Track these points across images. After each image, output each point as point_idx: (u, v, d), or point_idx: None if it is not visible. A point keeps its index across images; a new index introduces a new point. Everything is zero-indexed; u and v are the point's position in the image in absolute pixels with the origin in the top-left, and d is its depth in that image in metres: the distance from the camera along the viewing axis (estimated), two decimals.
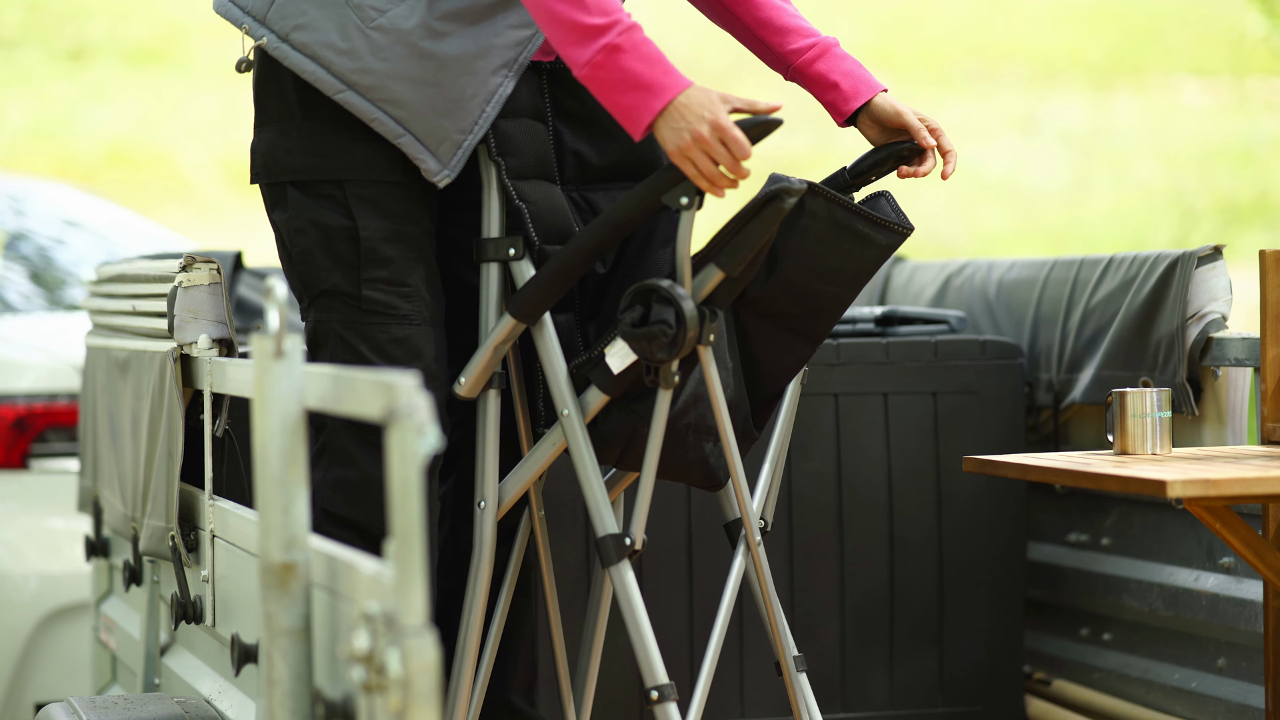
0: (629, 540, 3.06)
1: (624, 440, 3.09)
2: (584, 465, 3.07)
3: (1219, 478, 2.92)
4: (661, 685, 3.04)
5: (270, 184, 3.17)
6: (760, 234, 2.97)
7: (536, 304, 3.07)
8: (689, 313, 2.95)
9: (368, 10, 3.06)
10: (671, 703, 3.04)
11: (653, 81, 2.93)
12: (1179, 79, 19.14)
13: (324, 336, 3.14)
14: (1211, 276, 3.71)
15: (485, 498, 3.15)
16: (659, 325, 2.95)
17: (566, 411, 3.07)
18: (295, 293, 3.20)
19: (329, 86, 3.08)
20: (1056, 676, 4.10)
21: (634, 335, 2.98)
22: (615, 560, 3.05)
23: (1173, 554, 3.82)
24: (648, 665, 3.05)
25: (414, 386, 2.04)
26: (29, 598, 4.74)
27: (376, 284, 3.11)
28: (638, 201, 3.02)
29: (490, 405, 3.14)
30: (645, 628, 3.06)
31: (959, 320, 4.18)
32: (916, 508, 4.00)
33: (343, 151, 3.11)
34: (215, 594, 3.12)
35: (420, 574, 2.03)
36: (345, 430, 3.10)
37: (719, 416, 3.07)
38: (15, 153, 15.98)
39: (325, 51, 3.07)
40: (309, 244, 3.12)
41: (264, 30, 3.11)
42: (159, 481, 3.33)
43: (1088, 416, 4.07)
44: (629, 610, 3.05)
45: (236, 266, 4.63)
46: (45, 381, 4.82)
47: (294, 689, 2.31)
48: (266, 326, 2.30)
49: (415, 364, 3.12)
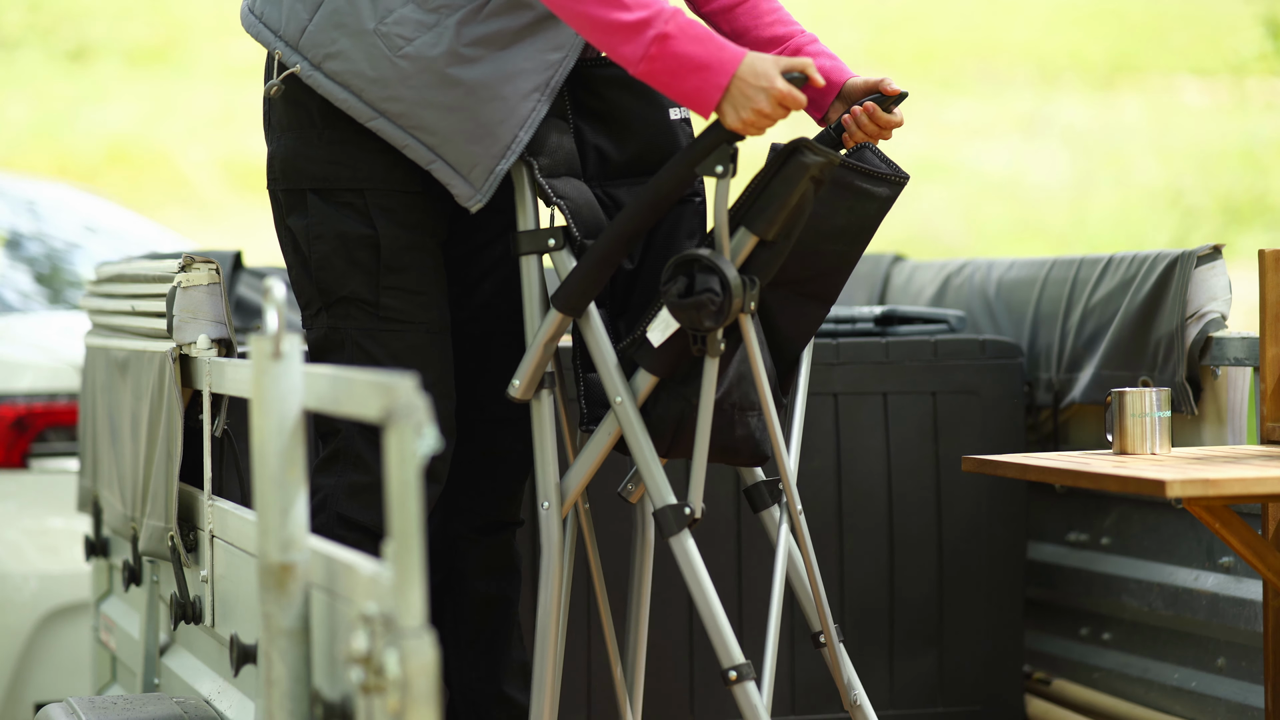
0: (688, 509, 3.08)
1: (674, 426, 3.10)
2: (641, 448, 3.09)
3: (1218, 477, 2.92)
4: (739, 665, 3.05)
5: (288, 190, 3.19)
6: (786, 193, 2.98)
7: (582, 294, 3.09)
8: (734, 279, 2.98)
9: (395, 39, 3.09)
10: (751, 681, 3.05)
11: (710, 60, 2.94)
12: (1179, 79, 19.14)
13: (339, 342, 3.16)
14: (1211, 276, 3.71)
15: (549, 498, 3.15)
16: (706, 294, 2.97)
17: (619, 399, 3.09)
18: (304, 298, 3.20)
19: (361, 114, 3.11)
20: (1056, 676, 4.10)
21: (681, 306, 2.99)
22: (675, 530, 3.07)
23: (1173, 554, 3.82)
24: (721, 645, 3.06)
25: (413, 387, 2.04)
26: (29, 598, 4.73)
27: (395, 292, 3.14)
28: (672, 175, 3.04)
29: (545, 407, 3.15)
30: (715, 604, 3.08)
31: (959, 320, 4.18)
32: (916, 508, 4.00)
33: (365, 161, 3.13)
34: (214, 594, 3.12)
35: (419, 575, 2.03)
36: (359, 435, 3.12)
37: (760, 387, 3.08)
38: (15, 153, 15.97)
39: (356, 80, 3.10)
40: (328, 250, 3.15)
41: (297, 57, 3.13)
42: (158, 481, 3.33)
43: (1087, 416, 4.07)
44: (695, 584, 3.07)
45: (236, 266, 4.63)
46: (45, 381, 4.81)
47: (293, 689, 2.31)
48: (265, 327, 2.30)
49: (428, 370, 3.15)
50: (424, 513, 3.12)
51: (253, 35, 3.22)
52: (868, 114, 3.18)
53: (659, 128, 3.23)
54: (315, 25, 3.12)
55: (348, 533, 3.11)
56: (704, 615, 3.08)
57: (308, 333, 3.21)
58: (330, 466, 3.16)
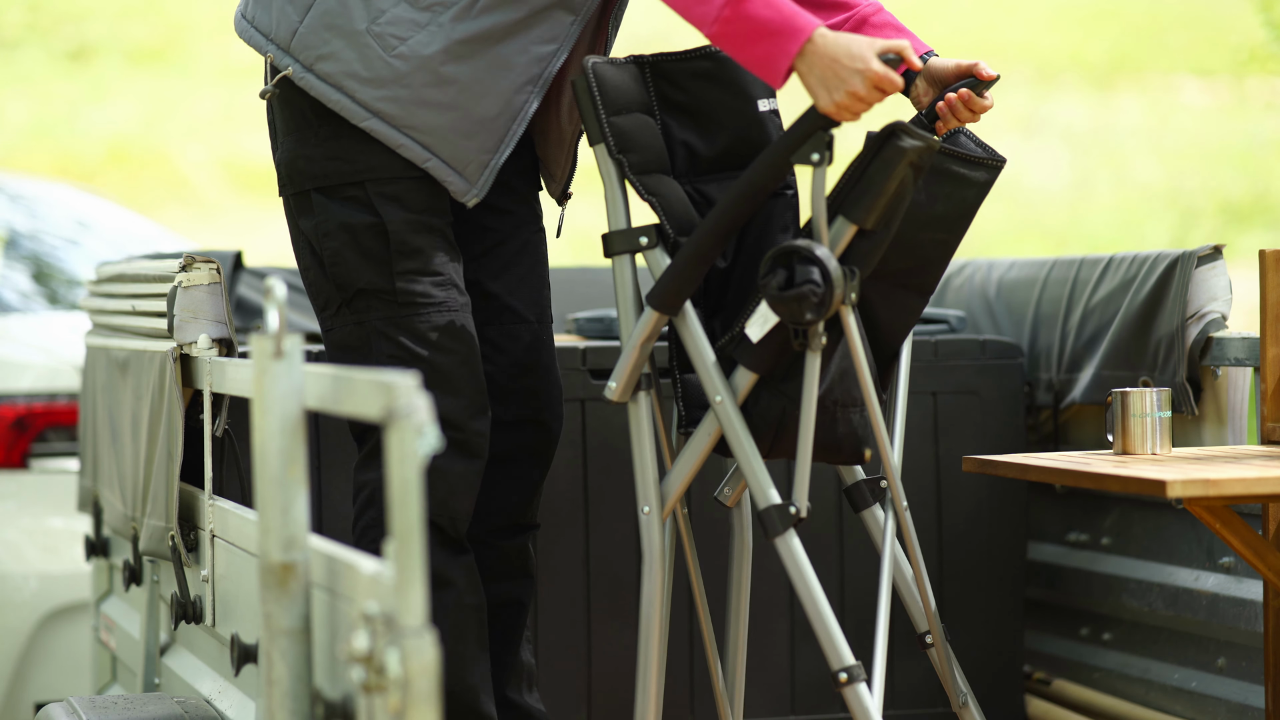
0: (794, 508, 3.03)
1: (774, 426, 3.06)
2: (743, 446, 3.04)
3: (1219, 478, 2.92)
4: (850, 666, 3.02)
5: (295, 193, 3.20)
6: (884, 179, 2.92)
7: (677, 292, 3.04)
8: (834, 270, 2.91)
9: (389, 39, 3.10)
10: (862, 683, 3.02)
11: (784, 25, 2.89)
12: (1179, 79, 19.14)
13: (365, 336, 3.16)
14: (1211, 276, 3.71)
15: (649, 503, 3.11)
16: (807, 285, 2.90)
17: (719, 398, 3.03)
18: (322, 299, 3.20)
19: (354, 115, 3.11)
20: (1056, 676, 4.10)
21: (782, 299, 2.92)
22: (781, 530, 3.02)
23: (1173, 554, 3.81)
24: (831, 646, 3.02)
25: (413, 387, 2.04)
26: (29, 597, 4.73)
27: (409, 275, 3.13)
28: (768, 166, 2.98)
29: (642, 409, 3.10)
30: (823, 604, 3.03)
31: (959, 320, 4.18)
32: (916, 508, 4.00)
33: (362, 153, 3.14)
34: (215, 594, 3.12)
35: (420, 574, 2.03)
36: None
37: (863, 381, 3.04)
38: (15, 153, 15.98)
39: (349, 81, 3.11)
40: (338, 246, 3.15)
41: (289, 59, 3.14)
42: (159, 481, 3.33)
43: (1088, 416, 4.07)
44: (803, 584, 3.03)
45: (236, 266, 4.63)
46: (45, 381, 4.82)
47: (293, 689, 2.31)
48: (266, 326, 2.30)
49: (459, 346, 3.14)
50: (469, 496, 3.15)
51: (244, 40, 3.22)
52: (963, 100, 3.13)
53: (748, 119, 3.17)
54: (306, 27, 3.12)
55: None
56: (812, 617, 3.02)
57: (329, 334, 3.21)
58: (373, 460, 3.16)
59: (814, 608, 3.02)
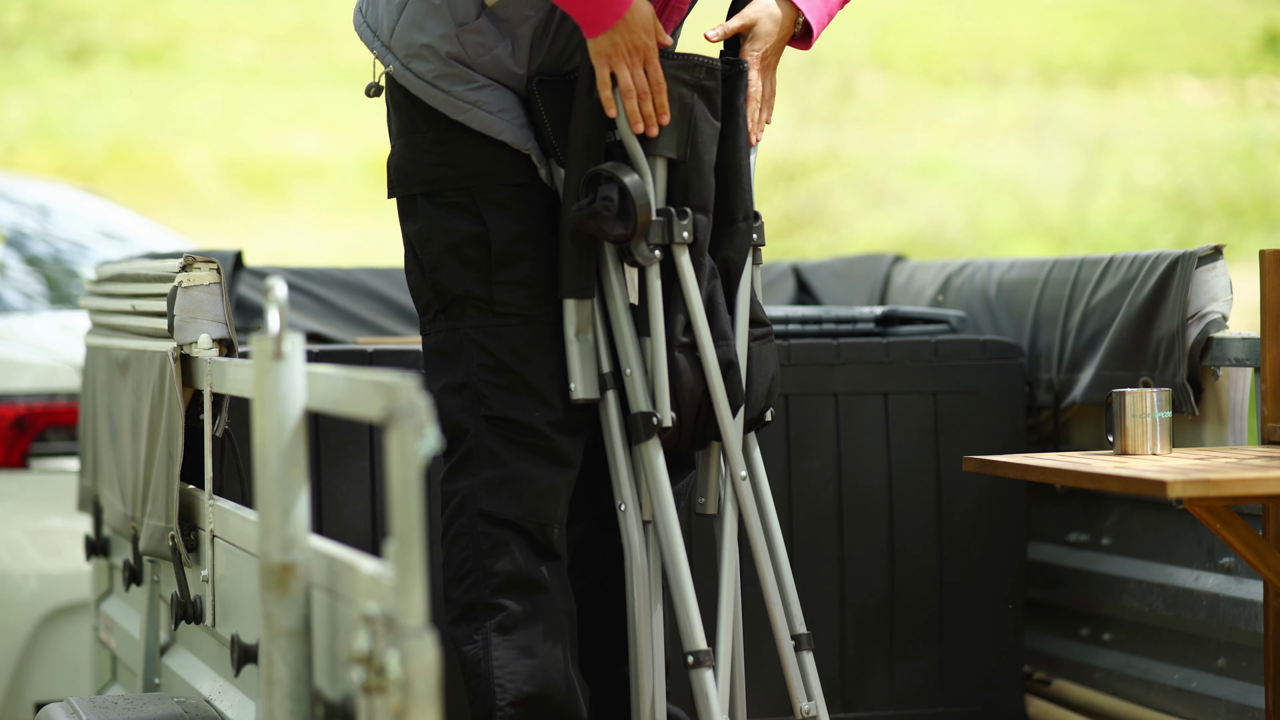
0: (656, 418, 3.14)
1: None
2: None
3: (1219, 478, 2.92)
4: (699, 651, 3.10)
5: (402, 197, 3.23)
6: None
7: (574, 271, 3.16)
8: (635, 187, 3.08)
9: (473, 46, 3.15)
10: (708, 670, 3.11)
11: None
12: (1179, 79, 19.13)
13: (458, 343, 3.18)
14: (1212, 276, 3.71)
15: (624, 499, 3.19)
16: (601, 202, 3.09)
17: (628, 370, 3.17)
18: (421, 302, 3.23)
19: (453, 109, 3.15)
20: (1056, 676, 4.10)
21: (579, 218, 3.11)
22: (644, 437, 3.14)
23: (1173, 554, 3.81)
24: (687, 624, 3.11)
25: (414, 387, 2.03)
26: (29, 597, 4.73)
27: (508, 286, 3.16)
28: (580, 113, 3.13)
29: (611, 406, 3.18)
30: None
31: (959, 320, 4.18)
32: (916, 508, 4.00)
33: (469, 159, 3.17)
34: (215, 594, 3.12)
35: (420, 575, 2.03)
36: (487, 430, 3.14)
37: (695, 324, 3.15)
38: (15, 153, 15.97)
39: (441, 79, 3.15)
40: (439, 251, 3.17)
41: (390, 57, 3.18)
42: (159, 481, 3.33)
43: (1088, 416, 4.07)
44: (660, 502, 3.15)
45: (236, 266, 4.63)
46: (45, 381, 4.82)
47: (294, 689, 2.31)
48: (266, 327, 2.30)
49: (550, 360, 3.17)
50: (559, 503, 3.18)
51: (360, 37, 3.27)
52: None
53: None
54: (401, 25, 3.17)
55: (491, 529, 3.14)
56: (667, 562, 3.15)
57: (426, 338, 3.23)
58: (463, 469, 3.17)
59: (668, 536, 3.13)
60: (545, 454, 3.15)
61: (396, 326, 4.71)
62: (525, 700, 3.12)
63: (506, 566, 3.13)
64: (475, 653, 3.12)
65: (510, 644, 3.12)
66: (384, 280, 4.76)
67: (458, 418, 3.16)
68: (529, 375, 3.16)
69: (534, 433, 3.14)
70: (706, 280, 3.19)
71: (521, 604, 3.13)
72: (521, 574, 3.14)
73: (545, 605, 3.15)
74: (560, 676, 3.16)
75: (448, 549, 3.18)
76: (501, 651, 3.12)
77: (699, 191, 3.15)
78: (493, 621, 3.13)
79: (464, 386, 3.16)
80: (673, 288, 3.16)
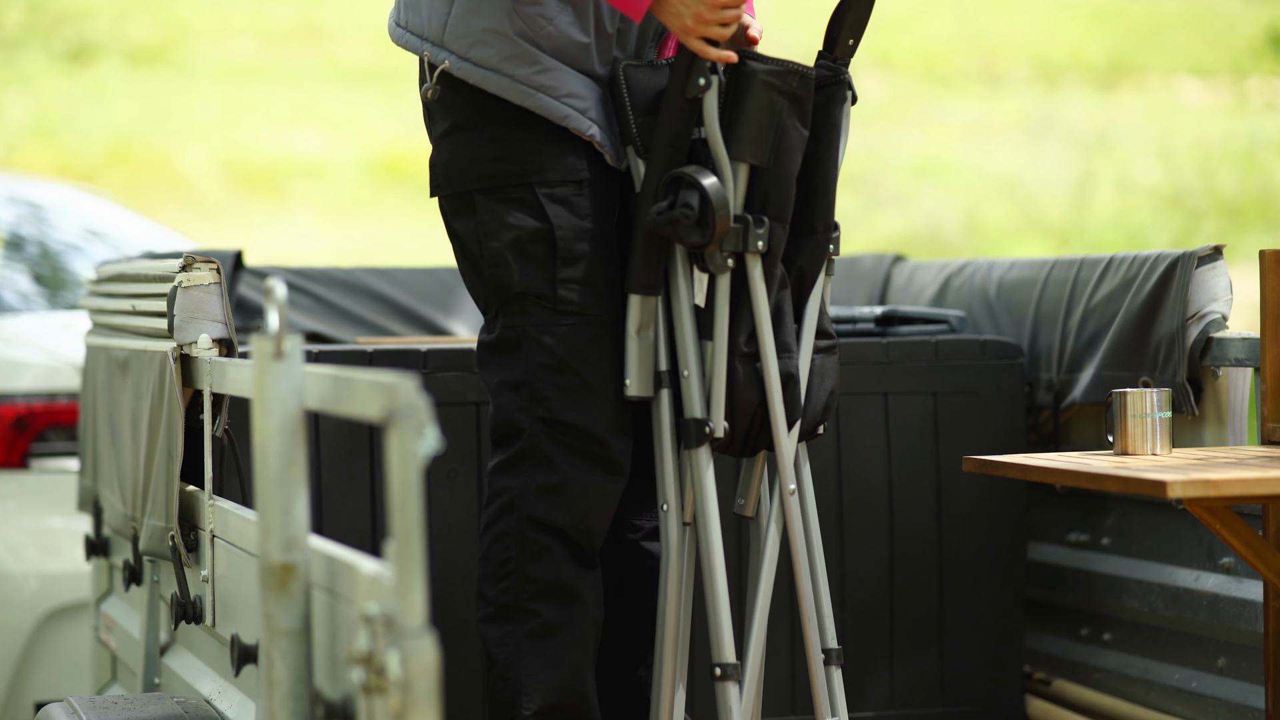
0: (709, 428, 3.13)
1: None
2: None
3: (1219, 478, 2.92)
4: (726, 664, 3.11)
5: (453, 194, 3.18)
6: (745, 107, 3.09)
7: (646, 268, 3.14)
8: (715, 194, 3.04)
9: (537, 19, 3.12)
10: (733, 683, 3.12)
11: None
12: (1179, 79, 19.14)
13: (517, 341, 3.15)
14: (1211, 276, 3.71)
15: (668, 499, 3.18)
16: (680, 210, 3.05)
17: (686, 373, 3.16)
18: (481, 301, 3.20)
19: (518, 95, 3.12)
20: (1056, 676, 4.10)
21: (657, 222, 3.07)
22: (695, 444, 3.13)
23: (1173, 554, 3.81)
24: (716, 637, 3.12)
25: (413, 387, 2.03)
26: (29, 597, 4.74)
27: (570, 284, 3.13)
28: (671, 109, 3.09)
29: (664, 405, 3.17)
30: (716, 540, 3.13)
31: (959, 320, 4.18)
32: (916, 508, 4.00)
33: (530, 153, 3.14)
34: (215, 594, 3.12)
35: (420, 575, 2.03)
36: (544, 434, 3.12)
37: (761, 334, 3.14)
38: (16, 153, 15.97)
39: (506, 64, 3.12)
40: (500, 248, 3.14)
41: (444, 53, 3.15)
42: (159, 481, 3.33)
43: (1088, 416, 4.07)
44: (703, 505, 3.14)
45: (236, 266, 4.63)
46: (45, 381, 4.82)
47: (294, 690, 2.31)
48: (266, 327, 2.30)
49: (609, 361, 3.16)
50: (608, 514, 3.18)
51: (401, 45, 3.23)
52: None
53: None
54: (455, 16, 3.15)
55: (538, 534, 3.13)
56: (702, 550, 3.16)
57: (485, 334, 3.20)
58: (515, 468, 3.15)
59: (708, 543, 3.14)
60: (601, 462, 3.14)
61: (396, 326, 4.71)
62: (549, 711, 3.13)
63: (547, 574, 3.13)
64: (506, 657, 3.12)
65: (541, 652, 3.12)
66: (384, 280, 4.76)
67: (514, 415, 3.13)
68: (589, 375, 3.13)
69: (592, 439, 3.13)
70: (776, 290, 3.16)
71: (556, 613, 3.13)
72: (560, 582, 3.13)
73: (578, 616, 3.15)
74: (583, 687, 3.17)
75: (489, 544, 3.17)
76: (532, 659, 3.12)
77: (778, 200, 3.12)
78: (527, 627, 3.13)
79: (522, 384, 3.13)
80: (741, 295, 3.14)
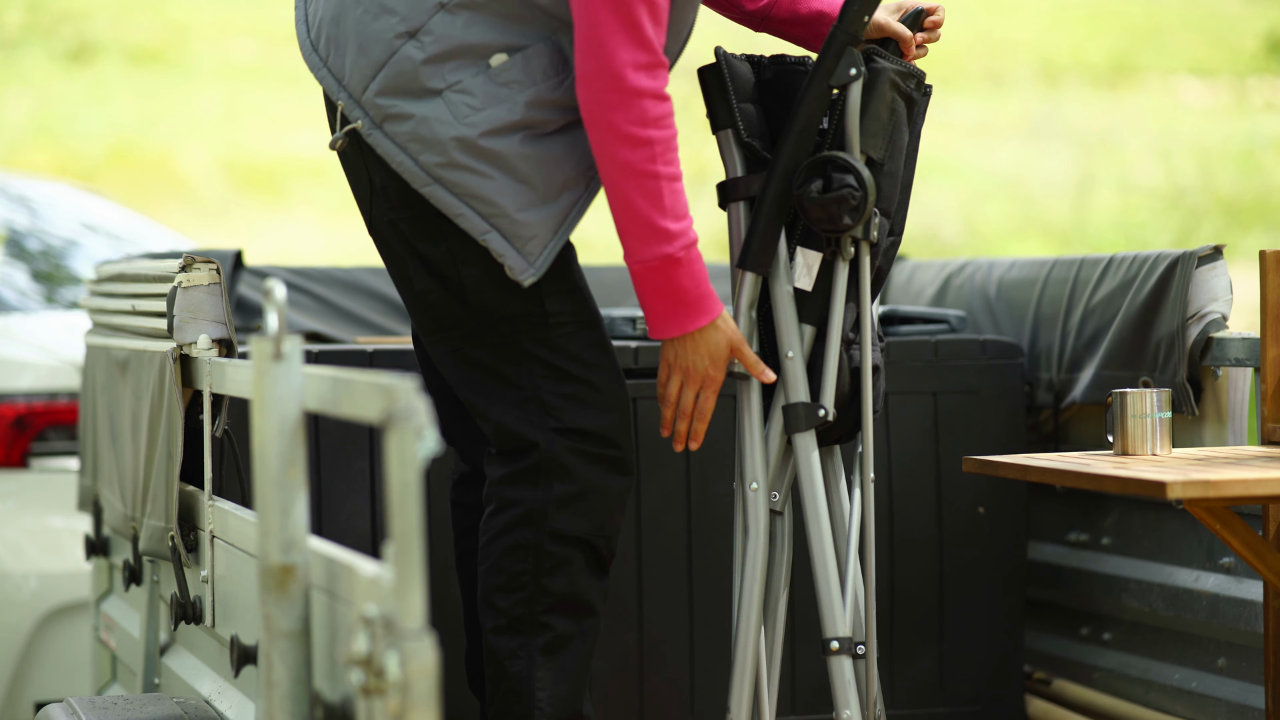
0: (822, 410, 3.16)
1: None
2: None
3: (1219, 479, 2.91)
4: (842, 638, 3.20)
5: (413, 216, 3.11)
6: (872, 102, 3.13)
7: (764, 248, 3.16)
8: (868, 177, 3.07)
9: (462, 107, 3.03)
10: (848, 658, 3.21)
11: (697, 302, 3.07)
12: (1179, 79, 19.14)
13: (513, 357, 3.11)
14: (1212, 276, 3.71)
15: (756, 479, 3.20)
16: (845, 189, 3.07)
17: (791, 354, 3.17)
18: (448, 320, 3.12)
19: (416, 179, 3.05)
20: (1056, 676, 4.10)
21: (821, 202, 3.08)
22: (804, 427, 3.17)
23: (1173, 554, 3.81)
24: (829, 610, 3.19)
25: (413, 389, 2.03)
26: (29, 597, 4.74)
27: (557, 296, 3.11)
28: (813, 97, 3.11)
29: (754, 385, 3.19)
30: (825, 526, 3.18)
31: (959, 320, 4.18)
32: (916, 507, 4.00)
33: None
34: (215, 594, 3.12)
35: (419, 576, 2.03)
36: (562, 444, 3.10)
37: (863, 325, 3.17)
38: (16, 152, 15.98)
39: (414, 145, 3.04)
40: (479, 273, 3.09)
41: (359, 112, 3.07)
42: (159, 481, 3.33)
43: (1088, 416, 4.07)
44: (810, 492, 3.18)
45: (236, 266, 4.62)
46: (45, 380, 4.82)
47: (293, 691, 2.31)
48: (266, 328, 2.30)
49: (609, 361, 3.16)
50: (623, 515, 3.15)
51: (316, 77, 3.14)
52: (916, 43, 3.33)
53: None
54: (378, 84, 3.05)
55: (559, 547, 3.10)
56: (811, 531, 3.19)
57: (457, 352, 3.13)
58: (529, 479, 3.11)
59: (816, 524, 3.17)
60: (614, 464, 3.13)
61: (396, 326, 4.71)
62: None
63: (563, 587, 3.11)
64: (519, 670, 3.11)
65: (553, 665, 3.12)
66: (384, 280, 4.75)
67: (523, 431, 3.10)
68: (595, 382, 3.12)
69: (606, 442, 3.11)
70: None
71: (569, 626, 3.12)
72: (575, 595, 3.12)
73: (590, 629, 3.15)
74: (587, 695, 3.18)
75: (501, 554, 3.13)
76: (545, 672, 3.12)
77: (888, 195, 3.17)
78: (540, 640, 3.12)
79: (528, 401, 3.11)
80: (851, 282, 3.17)
